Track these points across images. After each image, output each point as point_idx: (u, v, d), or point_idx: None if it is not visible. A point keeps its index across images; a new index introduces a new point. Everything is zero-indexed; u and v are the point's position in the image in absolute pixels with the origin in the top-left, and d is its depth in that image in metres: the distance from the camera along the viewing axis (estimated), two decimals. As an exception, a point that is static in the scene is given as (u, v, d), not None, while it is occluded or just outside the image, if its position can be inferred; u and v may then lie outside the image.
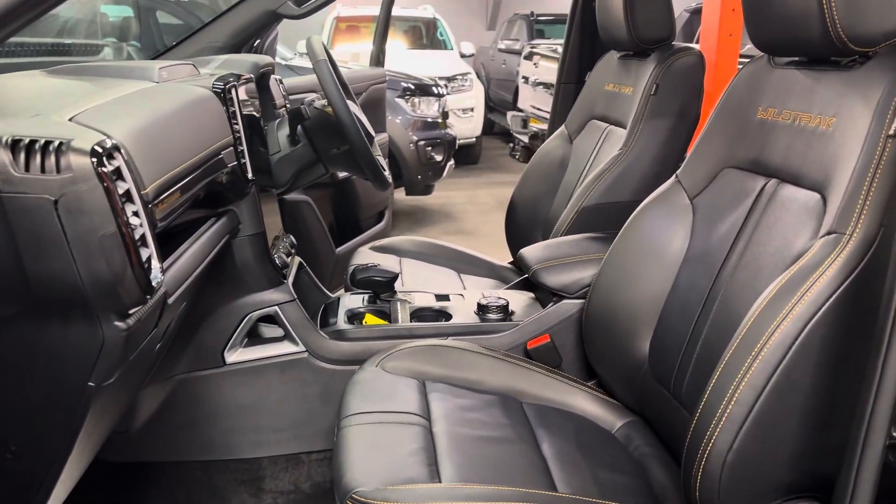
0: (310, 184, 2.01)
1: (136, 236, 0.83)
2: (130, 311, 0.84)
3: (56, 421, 0.86)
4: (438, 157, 5.31)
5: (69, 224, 0.77)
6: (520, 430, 1.29)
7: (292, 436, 1.54)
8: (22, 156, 0.76)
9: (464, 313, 1.69)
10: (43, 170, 0.76)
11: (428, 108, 5.37)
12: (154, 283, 0.86)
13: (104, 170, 0.78)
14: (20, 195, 0.76)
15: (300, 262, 1.76)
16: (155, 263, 0.87)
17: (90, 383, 0.84)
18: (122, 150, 0.84)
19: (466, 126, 7.44)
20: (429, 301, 1.75)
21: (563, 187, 2.17)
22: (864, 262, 0.96)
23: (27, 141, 0.76)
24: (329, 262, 2.71)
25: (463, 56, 8.31)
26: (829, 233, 1.01)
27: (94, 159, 0.78)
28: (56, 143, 0.77)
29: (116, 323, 0.83)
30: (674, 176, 1.47)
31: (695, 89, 1.81)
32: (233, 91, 1.41)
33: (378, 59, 3.22)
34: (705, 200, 1.38)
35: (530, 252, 1.73)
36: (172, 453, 1.50)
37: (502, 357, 1.49)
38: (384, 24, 3.19)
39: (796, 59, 1.23)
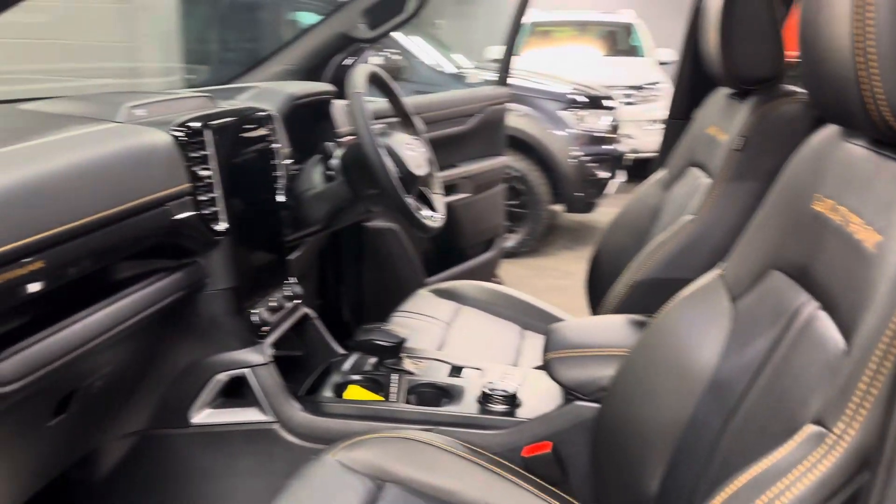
0: (351, 223, 1.87)
1: None
2: None
3: None
4: (602, 174, 4.96)
5: None
6: None
7: None
8: None
9: (469, 397, 1.44)
10: None
11: (596, 122, 5.04)
12: None
13: None
14: None
15: (306, 314, 1.61)
16: None
17: None
18: None
19: (651, 138, 6.90)
20: (439, 374, 1.53)
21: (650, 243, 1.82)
22: (850, 483, 0.60)
23: None
24: (416, 295, 2.55)
25: (662, 63, 7.76)
26: (816, 421, 0.66)
27: None
28: None
29: None
30: (718, 266, 1.13)
31: (795, 146, 1.39)
32: (206, 133, 1.29)
33: (503, 76, 2.98)
34: (746, 307, 1.04)
35: (558, 331, 1.44)
36: None
37: (488, 464, 1.23)
38: (512, 36, 2.95)
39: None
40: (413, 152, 1.70)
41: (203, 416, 1.39)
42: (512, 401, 1.39)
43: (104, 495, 1.43)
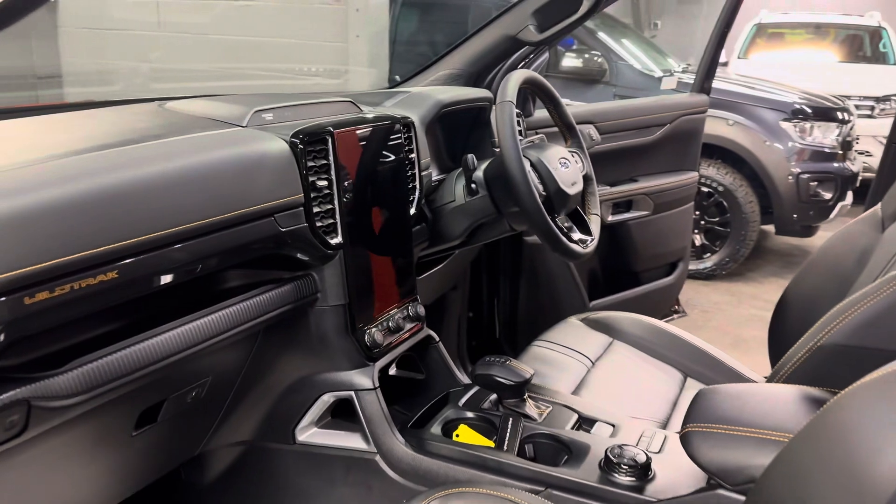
0: (492, 240, 1.73)
1: None
2: None
3: None
4: (826, 195, 4.38)
5: None
6: None
7: None
8: None
9: (592, 459, 1.24)
10: None
11: (823, 136, 4.45)
12: None
13: None
14: None
15: (429, 337, 1.50)
16: None
17: None
18: None
19: (893, 157, 6.02)
20: (564, 424, 1.34)
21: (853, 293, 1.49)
22: None
23: None
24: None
25: (911, 73, 6.75)
26: None
27: None
28: None
29: None
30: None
31: None
32: (328, 141, 1.22)
33: (703, 83, 2.67)
34: None
35: (707, 397, 1.19)
36: None
37: None
38: (717, 39, 2.63)
39: None
40: (567, 168, 1.52)
41: (308, 434, 1.33)
42: (642, 473, 1.18)
43: (211, 499, 1.43)
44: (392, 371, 1.55)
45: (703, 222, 4.32)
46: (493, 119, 1.85)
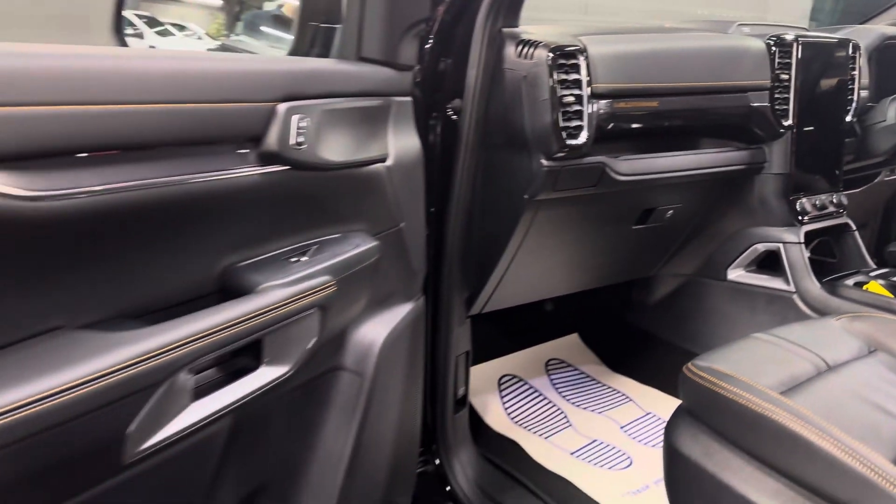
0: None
1: (571, 109, 1.28)
2: (555, 155, 1.30)
3: (507, 215, 1.41)
4: None
5: (527, 92, 1.28)
6: None
7: None
8: (522, 49, 1.30)
9: None
10: (525, 57, 1.29)
11: None
12: (571, 143, 1.29)
13: (549, 61, 1.25)
14: (510, 70, 1.31)
15: (846, 224, 1.79)
16: (584, 134, 1.30)
17: (524, 196, 1.35)
18: (584, 55, 1.29)
19: None
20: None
21: None
22: None
23: (527, 39, 1.30)
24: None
25: None
26: None
27: (550, 54, 1.26)
28: (535, 41, 1.28)
29: (542, 161, 1.30)
30: None
31: None
32: (794, 46, 1.62)
33: None
34: None
35: None
36: (666, 332, 1.88)
37: None
38: None
39: None
40: None
41: (737, 275, 1.75)
42: None
43: (654, 314, 1.93)
44: (805, 254, 1.87)
45: None
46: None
